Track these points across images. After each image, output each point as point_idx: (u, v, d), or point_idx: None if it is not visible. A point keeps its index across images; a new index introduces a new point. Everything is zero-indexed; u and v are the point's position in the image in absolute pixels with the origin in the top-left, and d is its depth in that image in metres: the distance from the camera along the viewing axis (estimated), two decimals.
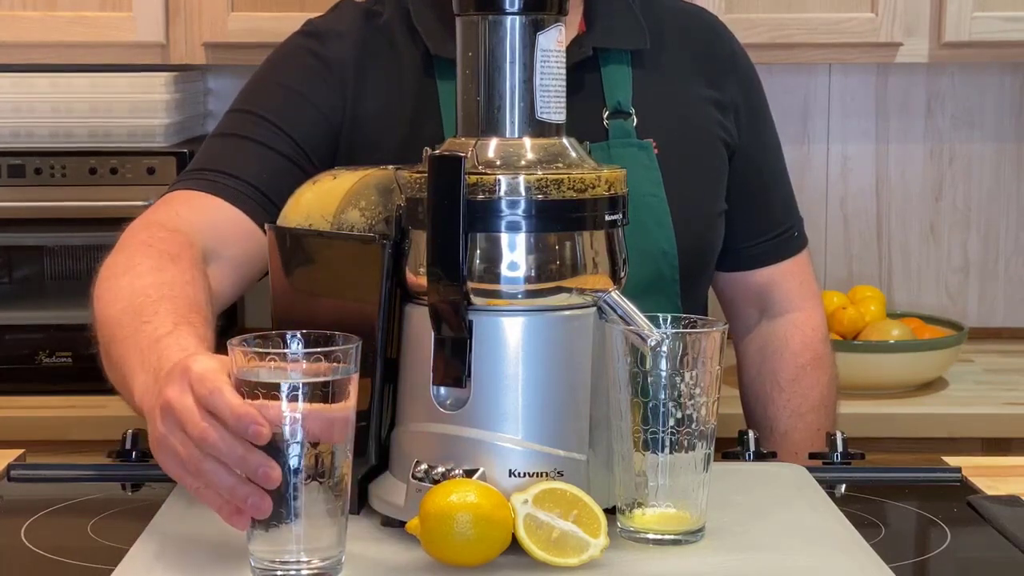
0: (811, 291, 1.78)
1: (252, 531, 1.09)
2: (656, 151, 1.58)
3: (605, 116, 1.58)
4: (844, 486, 1.41)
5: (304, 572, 1.09)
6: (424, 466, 1.17)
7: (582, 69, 1.57)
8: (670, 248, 1.57)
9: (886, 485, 1.42)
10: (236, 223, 1.48)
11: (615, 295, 1.18)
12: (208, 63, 2.51)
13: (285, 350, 1.11)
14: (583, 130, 1.29)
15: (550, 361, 1.17)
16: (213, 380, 1.08)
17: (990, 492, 1.37)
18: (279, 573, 1.09)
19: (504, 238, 1.16)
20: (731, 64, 1.69)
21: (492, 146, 1.18)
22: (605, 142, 1.56)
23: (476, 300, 1.16)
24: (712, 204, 1.65)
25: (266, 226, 1.30)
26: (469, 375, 1.17)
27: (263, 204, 1.49)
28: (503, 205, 1.15)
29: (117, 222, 2.37)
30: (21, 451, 1.50)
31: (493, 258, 1.16)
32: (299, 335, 1.12)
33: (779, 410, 1.73)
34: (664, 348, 1.14)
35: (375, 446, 1.23)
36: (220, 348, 1.17)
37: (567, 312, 1.18)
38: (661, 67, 1.63)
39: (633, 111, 1.59)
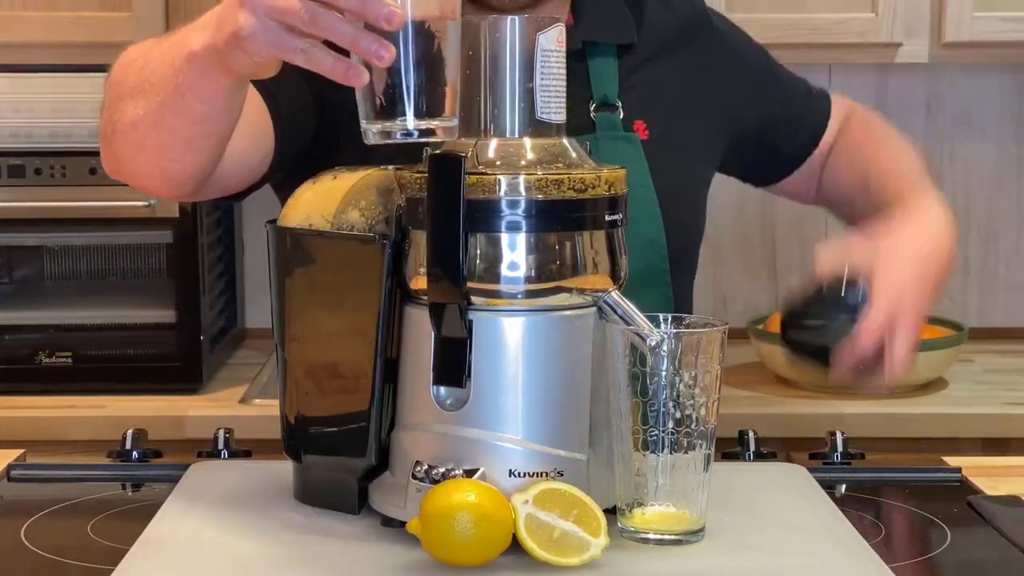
0: (840, 105, 1.82)
1: (365, 98, 1.10)
2: (645, 136, 1.59)
3: (592, 108, 1.58)
4: (844, 486, 1.42)
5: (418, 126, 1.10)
6: (424, 466, 1.17)
7: (569, 61, 1.57)
8: (659, 239, 1.58)
9: (886, 485, 1.42)
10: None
11: (615, 295, 1.18)
12: None
13: None
14: (570, 122, 1.29)
15: (550, 361, 1.17)
16: None
17: (990, 492, 1.37)
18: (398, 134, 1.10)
19: (504, 238, 1.16)
20: (703, 21, 1.71)
21: (492, 146, 1.18)
22: (592, 134, 1.57)
23: (476, 300, 1.16)
24: (699, 192, 1.68)
25: (266, 226, 1.30)
26: (469, 375, 1.17)
27: (270, 88, 1.45)
28: (503, 205, 1.15)
29: (117, 222, 2.41)
30: (21, 451, 1.50)
31: (493, 258, 1.16)
32: None
33: (854, 156, 1.76)
34: (664, 348, 1.14)
35: (375, 446, 1.23)
36: None
37: (567, 312, 1.18)
38: (644, 52, 1.64)
39: (619, 103, 1.59)
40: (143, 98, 1.30)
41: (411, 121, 1.10)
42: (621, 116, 1.60)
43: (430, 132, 1.11)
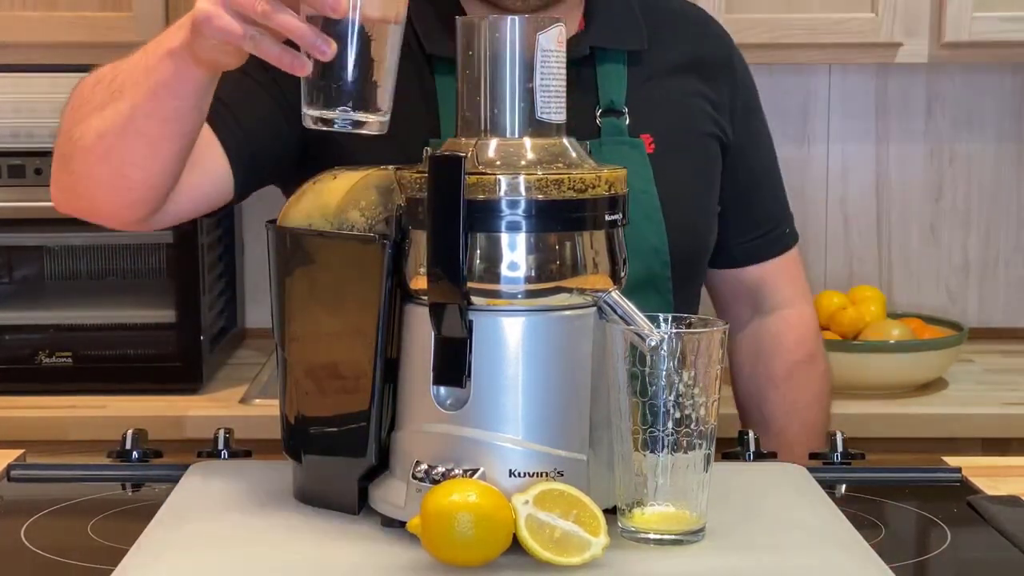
0: (801, 288, 1.81)
1: (308, 86, 1.19)
2: (651, 150, 1.58)
3: (598, 114, 1.58)
4: (844, 486, 1.41)
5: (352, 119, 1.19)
6: (424, 466, 1.17)
7: (578, 66, 1.57)
8: (661, 245, 1.57)
9: (886, 485, 1.42)
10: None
11: (615, 295, 1.18)
12: None
13: None
14: (575, 127, 1.29)
15: (550, 361, 1.17)
16: None
17: (990, 492, 1.37)
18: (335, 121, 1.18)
19: (504, 238, 1.16)
20: (727, 64, 1.71)
21: (492, 146, 1.18)
22: (597, 139, 1.56)
23: (476, 300, 1.16)
24: (705, 202, 1.67)
25: (266, 226, 1.30)
26: (469, 375, 1.17)
27: (229, 121, 1.50)
28: (503, 205, 1.15)
29: None
30: (21, 451, 1.50)
31: (493, 258, 1.16)
32: None
33: (774, 408, 1.75)
34: (664, 348, 1.14)
35: (375, 446, 1.23)
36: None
37: (567, 312, 1.18)
38: (656, 66, 1.64)
39: (626, 110, 1.59)
40: (112, 107, 1.36)
41: (346, 112, 1.18)
42: (627, 123, 1.59)
43: (361, 124, 1.19)
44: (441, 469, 1.16)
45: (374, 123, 1.20)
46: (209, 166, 1.49)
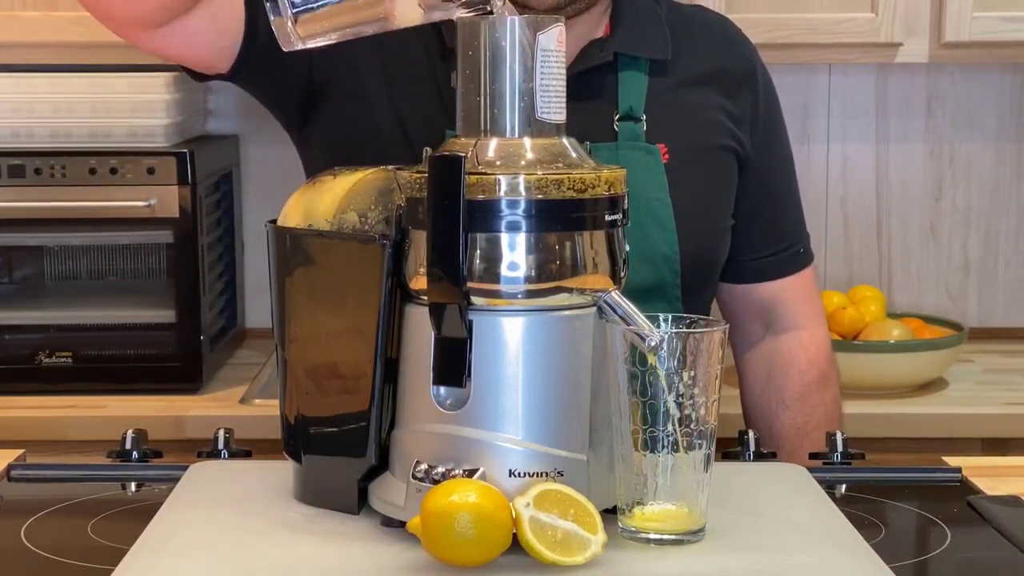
0: (816, 308, 1.78)
1: None
2: (666, 160, 1.58)
3: (616, 119, 1.58)
4: (844, 486, 1.42)
5: None
6: (424, 466, 1.17)
7: (600, 71, 1.58)
8: (672, 253, 1.57)
9: (886, 485, 1.42)
10: None
11: (615, 295, 1.18)
12: None
13: None
14: (593, 131, 1.28)
15: (550, 361, 1.17)
16: None
17: (990, 492, 1.37)
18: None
19: (504, 238, 1.16)
20: (749, 78, 1.70)
21: (492, 146, 1.18)
22: (614, 143, 1.56)
23: (476, 300, 1.16)
24: (718, 214, 1.66)
25: (266, 226, 1.30)
26: (469, 375, 1.17)
27: None
28: (503, 205, 1.15)
29: (117, 222, 2.41)
30: (21, 451, 1.50)
31: (493, 258, 1.16)
32: None
33: (785, 428, 1.73)
34: (664, 348, 1.14)
35: (375, 446, 1.23)
36: None
37: (567, 312, 1.18)
38: (679, 76, 1.63)
39: (644, 117, 1.59)
40: None
41: (289, 10, 1.21)
42: (644, 129, 1.59)
43: (279, 26, 1.22)
44: (441, 469, 1.16)
45: (286, 37, 1.22)
46: (224, 15, 1.48)
